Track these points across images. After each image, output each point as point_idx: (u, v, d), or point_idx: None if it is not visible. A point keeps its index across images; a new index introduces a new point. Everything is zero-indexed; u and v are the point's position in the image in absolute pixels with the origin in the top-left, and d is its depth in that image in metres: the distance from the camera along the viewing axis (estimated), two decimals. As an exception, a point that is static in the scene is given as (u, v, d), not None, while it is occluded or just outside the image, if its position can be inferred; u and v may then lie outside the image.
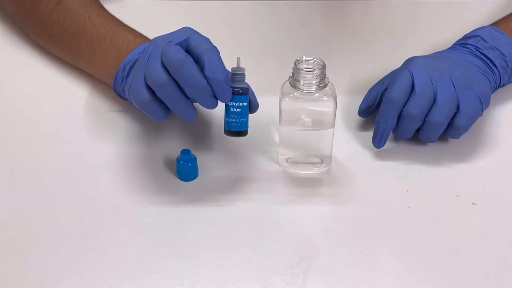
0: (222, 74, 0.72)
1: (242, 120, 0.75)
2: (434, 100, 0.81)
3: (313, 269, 0.73)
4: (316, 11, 1.05)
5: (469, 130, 0.84)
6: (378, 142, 0.84)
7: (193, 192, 0.81)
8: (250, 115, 0.77)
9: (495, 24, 0.91)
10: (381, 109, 0.83)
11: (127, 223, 0.77)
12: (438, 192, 0.81)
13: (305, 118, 0.80)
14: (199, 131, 0.88)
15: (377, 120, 0.83)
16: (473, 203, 0.80)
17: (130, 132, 0.87)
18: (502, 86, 0.89)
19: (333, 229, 0.77)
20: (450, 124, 0.82)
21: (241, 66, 0.75)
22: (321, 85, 0.77)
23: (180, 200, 0.80)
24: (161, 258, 0.74)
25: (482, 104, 0.82)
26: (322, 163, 0.83)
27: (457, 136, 0.84)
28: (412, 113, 0.81)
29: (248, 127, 0.75)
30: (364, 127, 0.89)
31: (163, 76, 0.73)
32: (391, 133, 0.84)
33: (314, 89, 0.77)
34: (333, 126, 0.80)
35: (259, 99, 0.87)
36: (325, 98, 0.78)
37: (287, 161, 0.83)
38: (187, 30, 0.76)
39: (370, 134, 0.87)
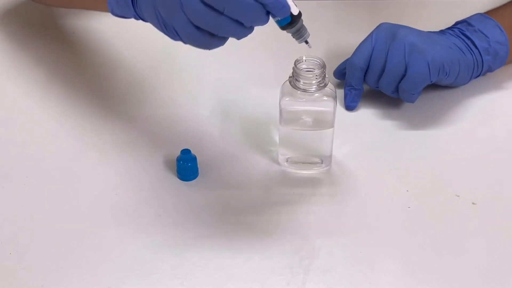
0: None
1: None
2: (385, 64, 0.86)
3: (313, 269, 0.73)
4: (316, 10, 1.05)
5: (468, 130, 0.84)
6: (347, 103, 0.90)
7: (193, 192, 0.81)
8: (250, 115, 0.76)
9: (487, 12, 0.92)
10: (346, 73, 0.91)
11: (127, 223, 0.77)
12: (438, 192, 0.81)
13: (305, 118, 0.80)
14: (199, 131, 0.88)
15: (344, 83, 0.91)
16: (473, 203, 0.79)
17: (130, 132, 0.87)
18: (489, 69, 0.91)
19: (333, 229, 0.77)
20: (399, 87, 0.87)
21: None
22: (321, 85, 0.77)
23: (180, 200, 0.80)
24: (161, 258, 0.74)
25: (430, 70, 0.84)
26: (322, 163, 0.83)
27: (408, 99, 0.88)
28: (366, 81, 0.89)
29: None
30: (364, 127, 0.89)
31: (214, 14, 0.67)
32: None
33: (314, 89, 0.77)
34: (333, 126, 0.80)
35: (259, 99, 0.87)
36: (325, 98, 0.78)
37: (287, 161, 0.83)
38: None
39: (370, 134, 0.88)
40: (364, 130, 0.88)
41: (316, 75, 0.77)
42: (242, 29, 0.69)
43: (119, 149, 0.85)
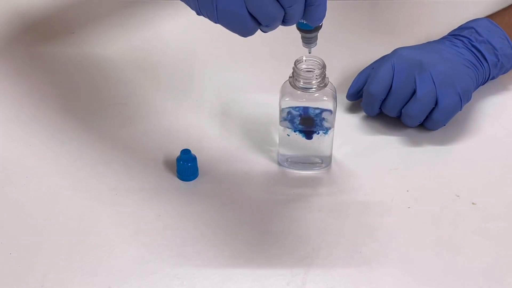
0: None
1: None
2: (414, 94, 0.84)
3: (313, 269, 0.73)
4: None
5: (469, 130, 0.84)
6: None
7: (193, 192, 0.81)
8: (250, 115, 0.76)
9: (490, 16, 0.91)
10: (363, 100, 0.88)
11: (127, 223, 0.77)
12: (438, 192, 0.81)
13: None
14: (199, 131, 0.88)
15: (362, 106, 0.89)
16: (473, 203, 0.79)
17: (130, 132, 0.87)
18: (492, 79, 0.90)
19: (333, 229, 0.77)
20: (429, 117, 0.85)
21: None
22: (321, 85, 0.77)
23: (180, 200, 0.80)
24: (161, 258, 0.74)
25: (462, 100, 0.84)
26: (322, 163, 0.83)
27: (435, 128, 0.87)
28: (387, 108, 0.86)
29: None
30: (364, 127, 0.89)
31: (278, 8, 0.66)
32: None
33: (314, 89, 0.77)
34: (333, 126, 0.80)
35: (259, 99, 0.87)
36: (325, 98, 0.78)
37: (287, 161, 0.83)
38: None
39: (370, 134, 0.88)
40: (364, 130, 0.88)
41: (316, 75, 0.77)
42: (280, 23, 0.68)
43: (119, 149, 0.85)
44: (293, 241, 0.75)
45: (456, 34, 0.89)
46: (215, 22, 0.68)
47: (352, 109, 0.91)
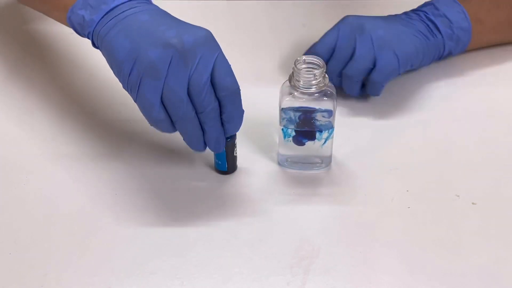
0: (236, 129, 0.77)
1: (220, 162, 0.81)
2: (352, 55, 0.87)
3: (313, 269, 0.73)
4: (317, 10, 1.05)
5: (469, 130, 0.84)
6: None
7: (193, 192, 0.81)
8: (250, 115, 0.77)
9: None
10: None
11: (127, 223, 0.77)
12: (438, 192, 0.81)
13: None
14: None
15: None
16: (473, 203, 0.79)
17: (130, 132, 0.87)
18: (450, 54, 0.93)
19: (333, 229, 0.77)
20: (368, 79, 0.88)
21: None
22: (321, 85, 0.77)
23: (180, 200, 0.80)
24: (161, 258, 0.74)
25: (400, 64, 0.87)
26: (322, 163, 0.83)
27: (375, 91, 0.89)
28: (330, 69, 0.88)
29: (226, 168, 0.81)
30: (364, 127, 0.89)
31: (191, 112, 0.72)
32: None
33: (314, 89, 0.77)
34: (333, 126, 0.80)
35: (259, 99, 0.87)
36: (325, 98, 0.78)
37: (287, 161, 0.83)
38: (212, 45, 0.72)
39: (370, 134, 0.88)
40: (364, 130, 0.88)
41: (316, 75, 0.77)
42: (197, 138, 0.75)
43: (119, 149, 0.85)
44: (293, 241, 0.75)
45: (416, 9, 0.93)
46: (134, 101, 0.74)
47: (352, 109, 0.91)
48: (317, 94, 0.78)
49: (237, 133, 0.79)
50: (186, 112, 0.71)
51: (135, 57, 0.71)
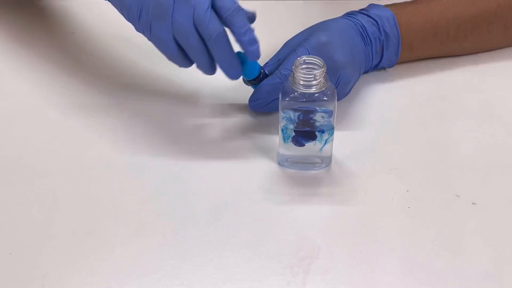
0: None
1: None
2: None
3: (313, 269, 0.73)
4: (317, 10, 1.05)
5: (469, 130, 0.84)
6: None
7: (193, 192, 0.81)
8: (250, 115, 0.77)
9: (393, 4, 0.93)
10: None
11: (127, 223, 0.77)
12: (438, 192, 0.81)
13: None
14: (199, 131, 0.88)
15: None
16: (473, 203, 0.80)
17: (130, 131, 0.87)
18: (382, 55, 0.91)
19: (333, 229, 0.77)
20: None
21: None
22: (321, 85, 0.77)
23: (180, 200, 0.80)
24: (161, 258, 0.74)
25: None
26: (322, 163, 0.83)
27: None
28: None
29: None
30: (364, 127, 0.89)
31: (200, 44, 0.78)
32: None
33: (314, 89, 0.77)
34: (333, 126, 0.80)
35: (259, 99, 0.87)
36: (325, 98, 0.78)
37: (287, 161, 0.83)
38: None
39: (370, 134, 0.88)
40: (364, 130, 0.88)
41: (316, 75, 0.77)
42: (210, 64, 0.80)
43: (119, 149, 0.85)
44: (293, 241, 0.75)
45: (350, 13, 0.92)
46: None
47: (352, 109, 0.91)
48: (317, 94, 0.78)
49: (237, 131, 0.80)
50: (195, 42, 0.77)
51: (141, 1, 0.78)
